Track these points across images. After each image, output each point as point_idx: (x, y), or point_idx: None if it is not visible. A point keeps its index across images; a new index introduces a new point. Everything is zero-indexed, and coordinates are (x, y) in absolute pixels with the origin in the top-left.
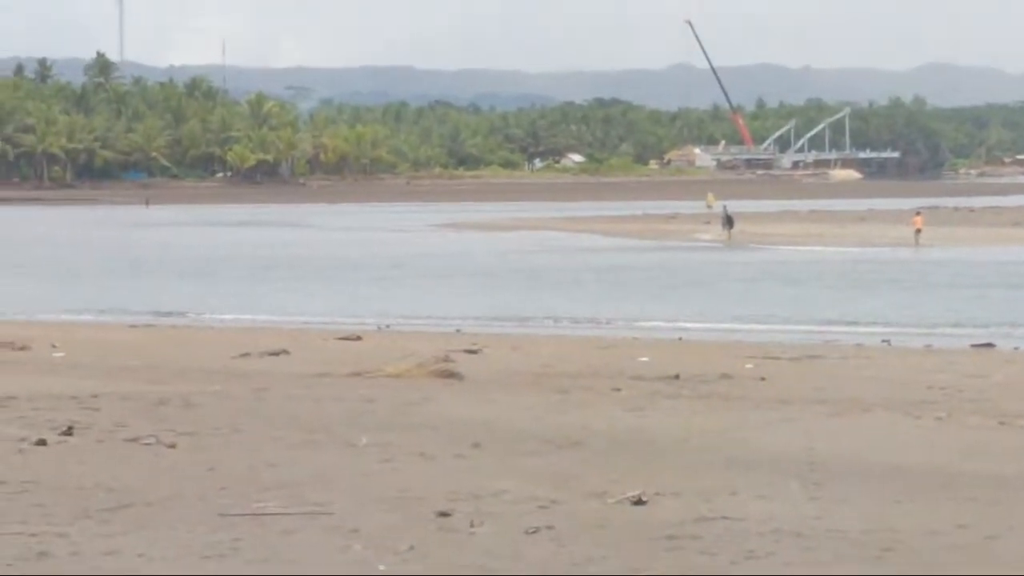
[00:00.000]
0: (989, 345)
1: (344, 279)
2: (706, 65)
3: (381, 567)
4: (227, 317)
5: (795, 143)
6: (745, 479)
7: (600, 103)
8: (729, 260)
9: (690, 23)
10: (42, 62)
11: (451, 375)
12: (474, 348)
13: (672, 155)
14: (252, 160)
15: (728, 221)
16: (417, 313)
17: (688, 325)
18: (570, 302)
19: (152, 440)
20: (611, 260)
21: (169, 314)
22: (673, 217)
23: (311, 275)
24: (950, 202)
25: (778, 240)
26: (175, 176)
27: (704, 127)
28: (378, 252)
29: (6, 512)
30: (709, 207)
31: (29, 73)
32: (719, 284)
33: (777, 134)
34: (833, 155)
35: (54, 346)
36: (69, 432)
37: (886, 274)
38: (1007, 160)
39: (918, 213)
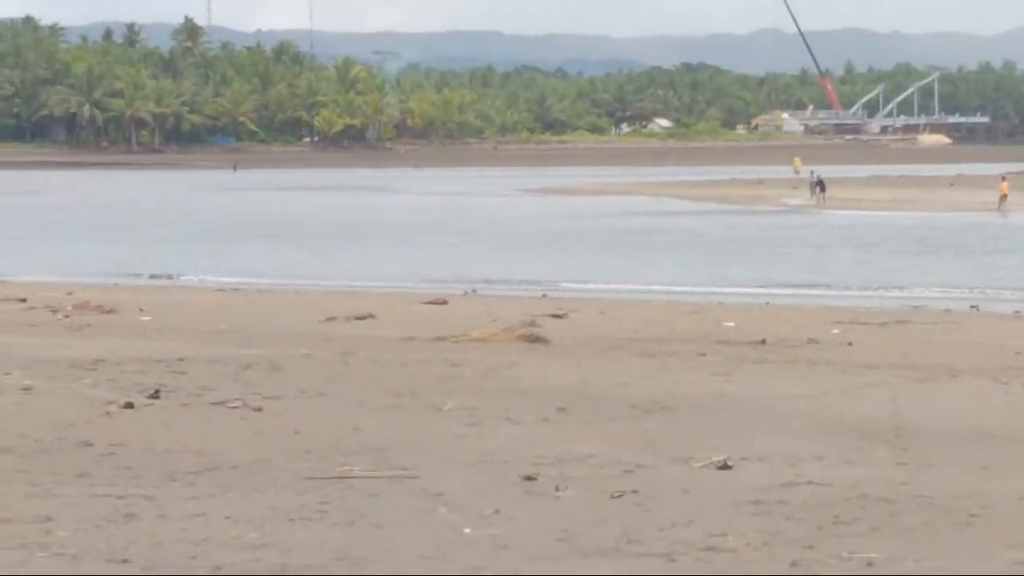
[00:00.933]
0: None
1: (430, 243)
2: (794, 29)
3: (467, 530)
4: (313, 281)
5: (884, 108)
6: (831, 444)
7: (687, 68)
8: (816, 225)
9: None
10: (130, 27)
11: (537, 340)
12: (560, 313)
13: (759, 120)
14: (339, 125)
15: (820, 185)
16: (503, 277)
17: (775, 290)
18: (656, 267)
19: (238, 403)
20: (697, 225)
21: (254, 277)
22: (760, 182)
23: (397, 239)
24: None
25: (866, 205)
26: (262, 141)
27: (792, 92)
28: (464, 217)
29: (94, 474)
30: (796, 172)
31: (117, 38)
32: (806, 249)
33: (865, 99)
34: (922, 120)
35: (141, 310)
36: (156, 395)
37: (974, 239)
38: None
39: (1004, 179)
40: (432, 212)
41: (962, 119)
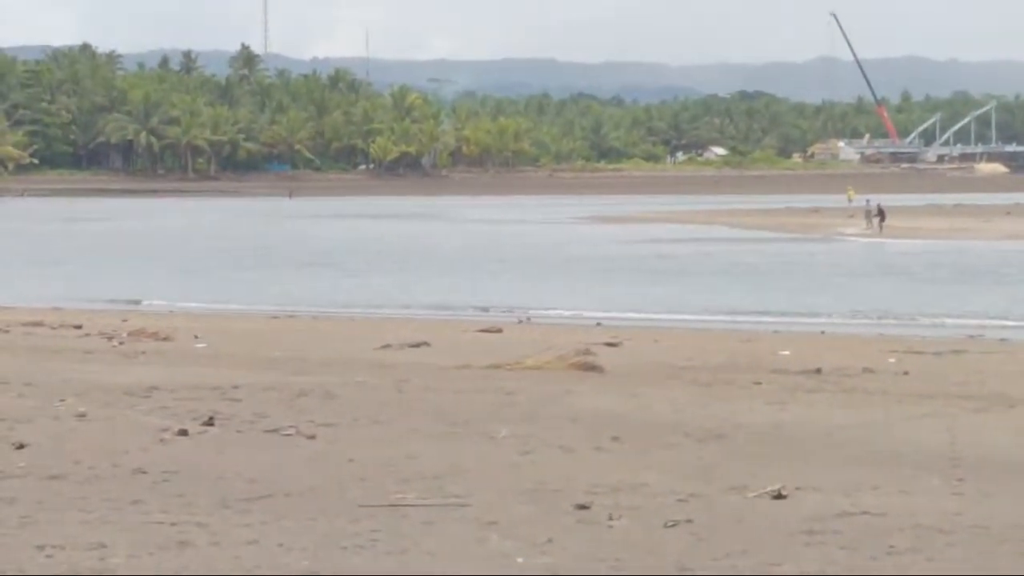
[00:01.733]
0: None
1: (485, 271)
2: (851, 57)
3: (519, 559)
4: (368, 309)
5: (940, 136)
6: (887, 474)
7: (743, 96)
8: (872, 253)
9: (835, 15)
10: (187, 54)
11: (591, 368)
12: (614, 341)
13: (815, 148)
14: (394, 152)
15: (879, 214)
16: (557, 306)
17: (831, 319)
18: (711, 295)
19: (292, 431)
20: (753, 254)
21: (309, 305)
22: (816, 211)
23: (452, 267)
24: None
25: (922, 234)
26: (318, 168)
27: (848, 120)
28: (519, 244)
29: (148, 501)
30: (850, 201)
31: (174, 65)
32: (861, 278)
33: (922, 127)
34: (979, 149)
35: (196, 337)
36: (210, 422)
37: None
38: None
39: None
40: (487, 240)
41: (1019, 148)
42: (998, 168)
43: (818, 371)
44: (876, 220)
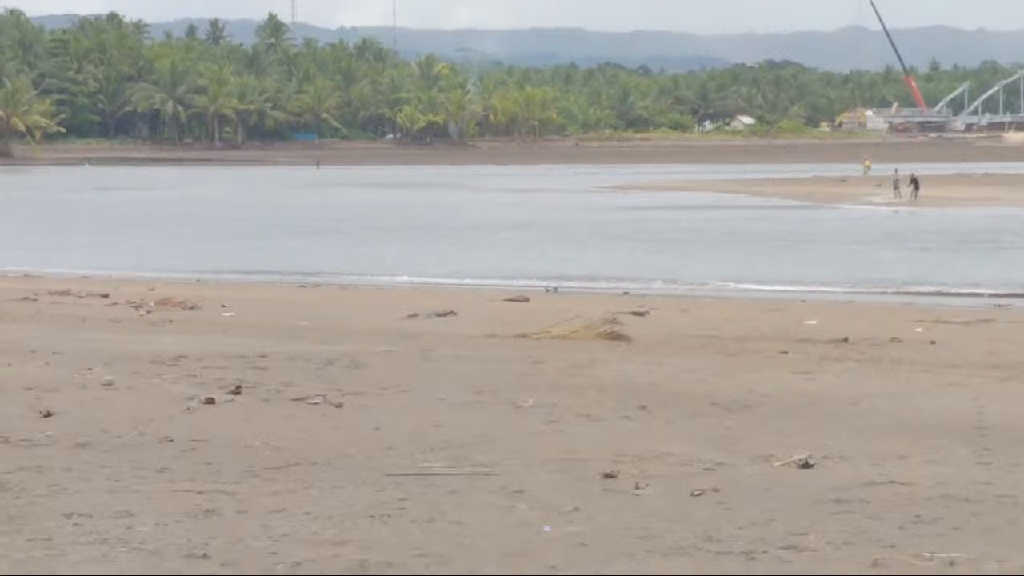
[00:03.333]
0: None
1: (512, 240)
2: (879, 27)
3: (546, 528)
4: (396, 278)
5: (969, 106)
6: (914, 443)
7: (771, 65)
8: (898, 223)
9: None
10: (214, 23)
11: (618, 337)
12: (641, 310)
13: (843, 118)
14: (421, 121)
15: (913, 183)
16: (584, 275)
17: (858, 288)
18: (739, 264)
19: (319, 400)
20: (780, 223)
21: (337, 275)
22: (843, 180)
23: (479, 236)
24: None
25: (950, 203)
26: (345, 137)
27: (876, 90)
28: (546, 213)
29: (175, 469)
30: (866, 170)
31: (201, 35)
32: (887, 247)
33: (950, 96)
34: (1007, 118)
35: (224, 306)
36: (237, 391)
37: None
38: None
39: None
40: (514, 209)
41: None
42: None
43: (845, 340)
44: (910, 189)
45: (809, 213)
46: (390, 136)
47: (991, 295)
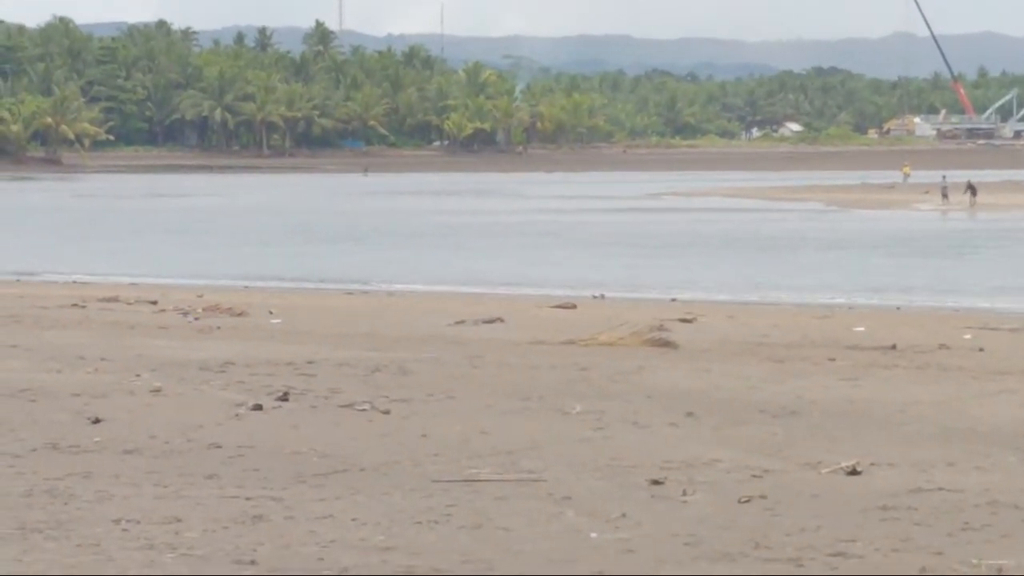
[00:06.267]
0: None
1: (560, 247)
2: (927, 33)
3: (593, 534)
4: (443, 285)
5: (1017, 112)
6: (962, 450)
7: (818, 72)
8: (945, 229)
9: None
10: (262, 31)
11: (666, 344)
12: (689, 317)
13: (891, 124)
14: (469, 129)
15: (970, 189)
16: (632, 282)
17: (906, 295)
18: (787, 271)
19: (367, 406)
20: (830, 229)
21: (384, 281)
22: (892, 187)
23: (528, 243)
24: None
25: (998, 209)
26: (392, 144)
27: (924, 96)
28: (594, 220)
29: (223, 476)
30: (906, 177)
31: (249, 42)
32: (935, 254)
33: (999, 103)
34: None
35: (271, 312)
36: (285, 398)
37: None
38: None
39: None
40: (562, 216)
41: None
42: None
43: (893, 347)
44: (967, 195)
45: (857, 222)
46: (437, 143)
47: None
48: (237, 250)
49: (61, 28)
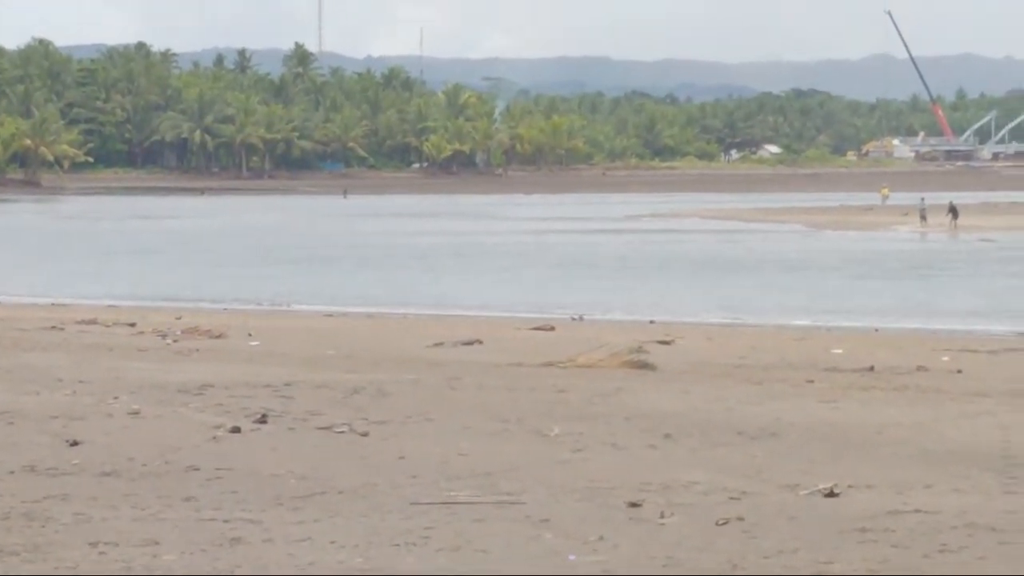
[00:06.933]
0: None
1: (539, 269)
2: (906, 55)
3: (571, 556)
4: (423, 308)
5: (996, 134)
6: (940, 472)
7: (798, 93)
8: (924, 251)
9: (890, 13)
10: (241, 53)
11: (644, 365)
12: (667, 339)
13: (870, 146)
14: (448, 150)
15: (952, 211)
16: (611, 304)
17: (884, 317)
18: (766, 293)
19: (345, 428)
20: (809, 251)
21: (363, 304)
22: (870, 209)
23: (506, 265)
24: None
25: (977, 232)
26: (372, 166)
27: (903, 118)
28: (572, 242)
29: (201, 498)
30: (884, 200)
31: (229, 64)
32: (914, 276)
33: (977, 125)
34: None
35: (250, 335)
36: (263, 420)
37: None
38: None
39: None
40: (541, 238)
41: None
42: None
43: (871, 369)
44: (949, 218)
45: (835, 243)
46: (417, 165)
47: (1018, 324)
48: (216, 272)
49: (40, 50)
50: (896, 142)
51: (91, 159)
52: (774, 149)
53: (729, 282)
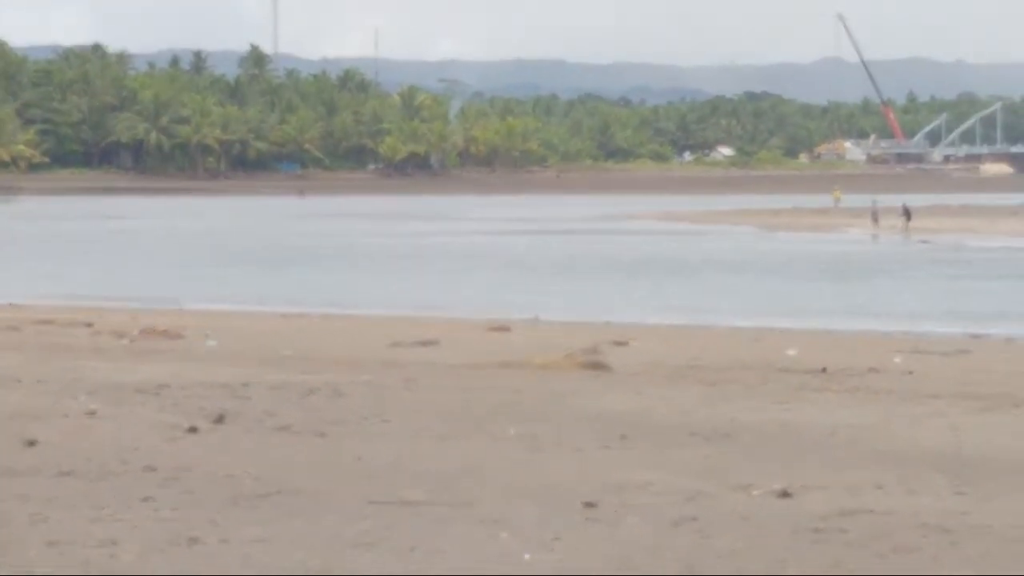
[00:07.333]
0: None
1: (495, 271)
2: (856, 58)
3: (526, 556)
4: (380, 309)
5: (946, 137)
6: (892, 473)
7: (750, 96)
8: (879, 253)
9: (841, 16)
10: (197, 54)
11: (599, 367)
12: (623, 340)
13: (822, 149)
14: (403, 152)
15: (905, 213)
16: (566, 305)
17: (836, 318)
18: (720, 294)
19: (302, 429)
20: (762, 253)
21: (320, 304)
22: (823, 211)
23: (462, 266)
24: None
25: (928, 234)
26: (328, 167)
27: (854, 121)
28: (528, 243)
29: (158, 498)
30: (836, 202)
31: (184, 65)
32: (868, 277)
33: (928, 128)
34: (984, 149)
35: (207, 335)
36: (220, 420)
37: None
38: None
39: None
40: (497, 239)
41: None
42: (1004, 168)
43: (824, 370)
44: (903, 220)
45: (790, 245)
46: (372, 166)
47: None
48: (173, 273)
49: None
50: (848, 144)
51: (47, 159)
52: (727, 151)
53: (683, 284)
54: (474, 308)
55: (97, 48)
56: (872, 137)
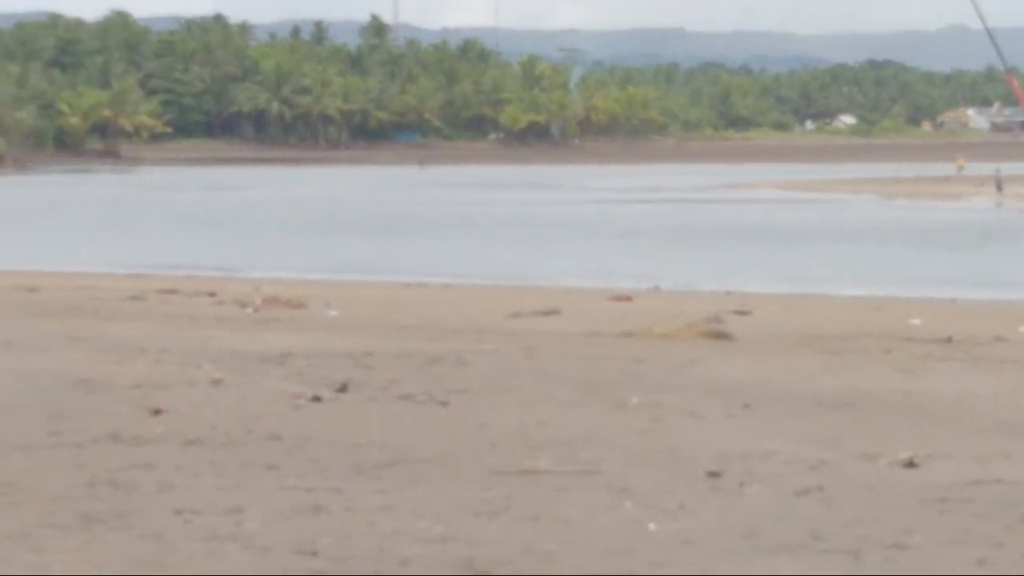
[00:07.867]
0: None
1: (616, 239)
2: (981, 26)
3: (651, 525)
4: (499, 277)
5: None
6: (1019, 443)
7: (872, 64)
8: (1003, 221)
9: None
10: (318, 24)
11: (721, 336)
12: (744, 309)
13: (945, 117)
14: (523, 121)
15: (997, 184)
16: (687, 274)
17: (961, 288)
18: (842, 263)
19: (425, 397)
20: (884, 221)
21: (441, 274)
22: (946, 179)
23: (584, 235)
24: None
25: None
26: (447, 137)
27: (978, 89)
28: (649, 212)
29: (283, 467)
30: (960, 170)
31: (305, 35)
32: (989, 246)
33: None
34: None
35: (329, 304)
36: (344, 389)
37: None
38: None
39: None
40: (617, 208)
41: None
42: None
43: (949, 340)
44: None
45: (912, 213)
46: (492, 136)
47: None
48: (295, 243)
49: (119, 22)
50: (971, 112)
51: (169, 130)
52: (849, 120)
53: (803, 253)
54: (595, 277)
55: (219, 19)
56: (996, 105)
